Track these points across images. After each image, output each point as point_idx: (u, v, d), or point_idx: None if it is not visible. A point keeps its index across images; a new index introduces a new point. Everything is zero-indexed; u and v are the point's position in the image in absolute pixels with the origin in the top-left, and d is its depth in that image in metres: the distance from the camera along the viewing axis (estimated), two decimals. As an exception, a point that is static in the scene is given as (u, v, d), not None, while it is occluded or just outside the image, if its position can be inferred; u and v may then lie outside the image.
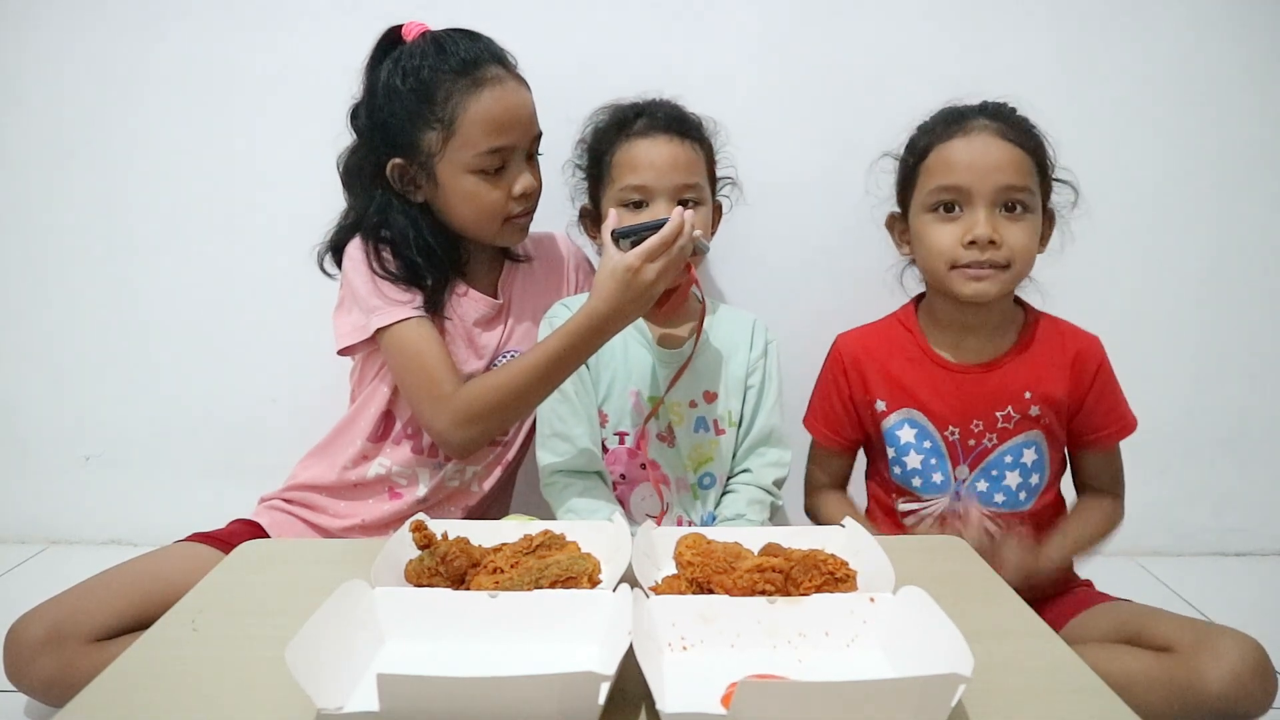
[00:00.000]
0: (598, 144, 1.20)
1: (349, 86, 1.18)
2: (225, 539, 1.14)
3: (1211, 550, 1.60)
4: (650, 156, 1.13)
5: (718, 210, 1.26)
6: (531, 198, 1.19)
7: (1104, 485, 1.18)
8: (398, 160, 1.14)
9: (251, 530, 1.20)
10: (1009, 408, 1.13)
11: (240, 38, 1.43)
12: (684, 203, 1.13)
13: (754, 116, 1.41)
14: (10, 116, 1.47)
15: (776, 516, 1.24)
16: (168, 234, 1.49)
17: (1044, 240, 1.14)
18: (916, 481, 1.17)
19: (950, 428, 1.15)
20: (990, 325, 1.15)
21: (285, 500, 1.24)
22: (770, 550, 0.79)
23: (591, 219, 1.24)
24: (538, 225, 1.36)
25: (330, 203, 1.23)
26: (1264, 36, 1.43)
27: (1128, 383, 1.16)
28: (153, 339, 1.53)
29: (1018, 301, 1.19)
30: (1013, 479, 1.14)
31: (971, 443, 1.14)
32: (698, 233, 1.03)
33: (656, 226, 1.00)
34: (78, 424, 1.57)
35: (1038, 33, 1.43)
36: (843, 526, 0.85)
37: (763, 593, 0.72)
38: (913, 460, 1.16)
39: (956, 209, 1.10)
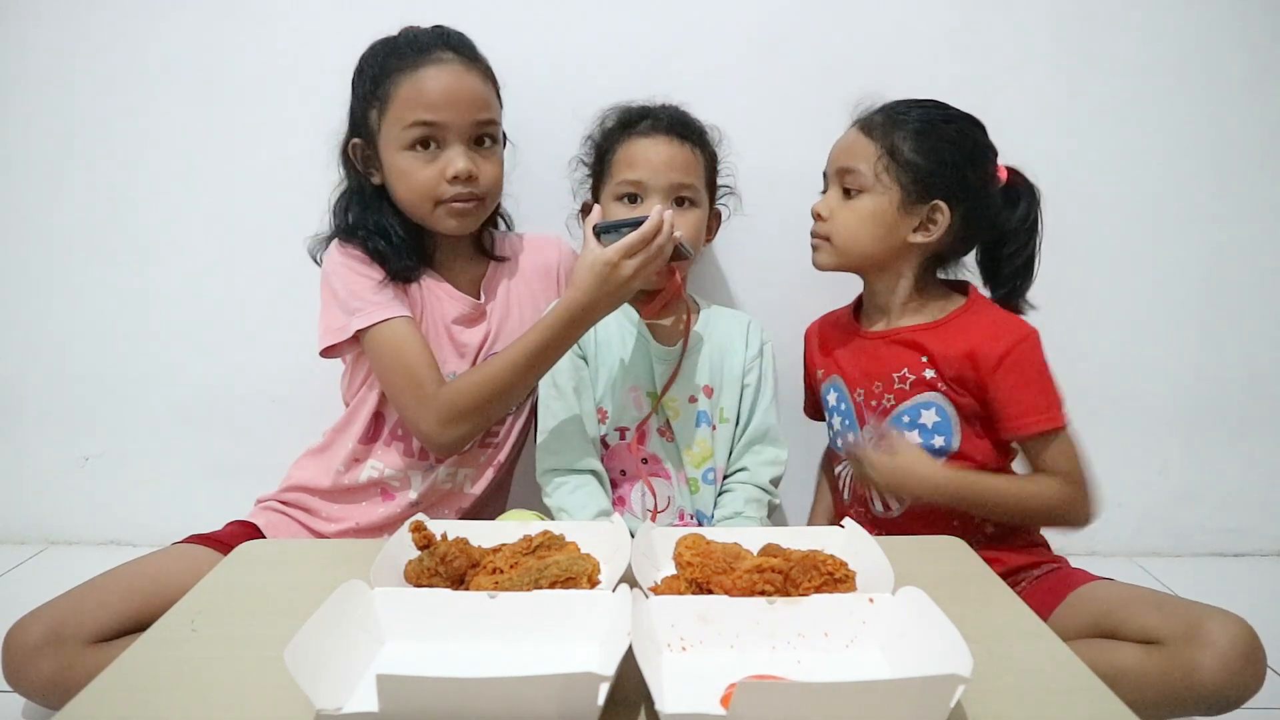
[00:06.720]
0: (603, 141, 1.22)
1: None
2: (223, 540, 1.14)
3: (1211, 550, 1.60)
4: (648, 154, 1.15)
5: (717, 218, 1.27)
6: (469, 183, 1.14)
7: (1053, 473, 1.10)
8: (356, 140, 1.18)
9: (248, 532, 1.19)
10: (904, 369, 1.14)
11: (243, 36, 1.43)
12: (680, 201, 1.16)
13: (753, 116, 1.41)
14: (11, 116, 1.47)
15: (774, 515, 1.25)
16: (168, 234, 1.49)
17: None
18: (840, 443, 1.23)
19: (858, 389, 1.19)
20: (890, 296, 1.17)
21: (281, 502, 1.24)
22: (769, 551, 0.79)
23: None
24: (536, 224, 1.36)
25: (331, 202, 1.23)
26: (1264, 37, 1.44)
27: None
28: (152, 340, 1.53)
29: (960, 289, 1.18)
30: (912, 439, 1.14)
31: (874, 403, 1.17)
32: (678, 234, 1.04)
33: (637, 223, 1.01)
34: (77, 425, 1.57)
35: (1037, 32, 1.43)
36: (842, 527, 0.86)
37: (762, 593, 0.72)
38: (836, 422, 1.23)
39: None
